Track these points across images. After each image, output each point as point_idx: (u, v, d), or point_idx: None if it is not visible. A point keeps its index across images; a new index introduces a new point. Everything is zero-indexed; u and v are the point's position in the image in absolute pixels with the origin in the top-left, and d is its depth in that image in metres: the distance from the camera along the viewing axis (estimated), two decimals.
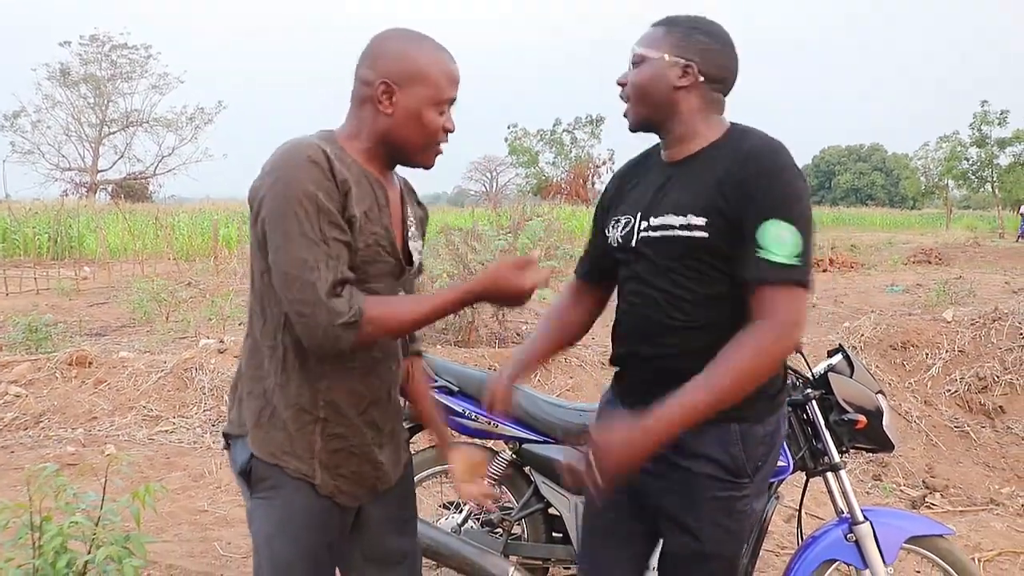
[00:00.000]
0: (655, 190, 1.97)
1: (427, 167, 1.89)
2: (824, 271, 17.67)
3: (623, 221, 2.03)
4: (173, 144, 44.03)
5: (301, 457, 1.81)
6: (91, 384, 5.65)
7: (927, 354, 5.75)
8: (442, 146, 1.88)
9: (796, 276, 1.74)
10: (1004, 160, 37.12)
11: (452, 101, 1.85)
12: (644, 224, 1.95)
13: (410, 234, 1.97)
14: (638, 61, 1.95)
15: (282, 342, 1.79)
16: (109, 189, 42.43)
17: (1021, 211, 33.83)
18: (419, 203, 2.09)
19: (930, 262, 20.52)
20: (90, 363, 5.87)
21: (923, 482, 4.78)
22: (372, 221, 1.80)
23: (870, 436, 2.77)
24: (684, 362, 1.84)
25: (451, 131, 1.87)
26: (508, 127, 54.24)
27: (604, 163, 52.91)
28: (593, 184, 52.44)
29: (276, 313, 1.77)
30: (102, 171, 43.42)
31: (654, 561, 2.20)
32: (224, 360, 5.84)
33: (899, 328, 6.00)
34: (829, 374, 2.77)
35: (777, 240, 1.74)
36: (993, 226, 36.83)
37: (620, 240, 2.02)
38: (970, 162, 38.33)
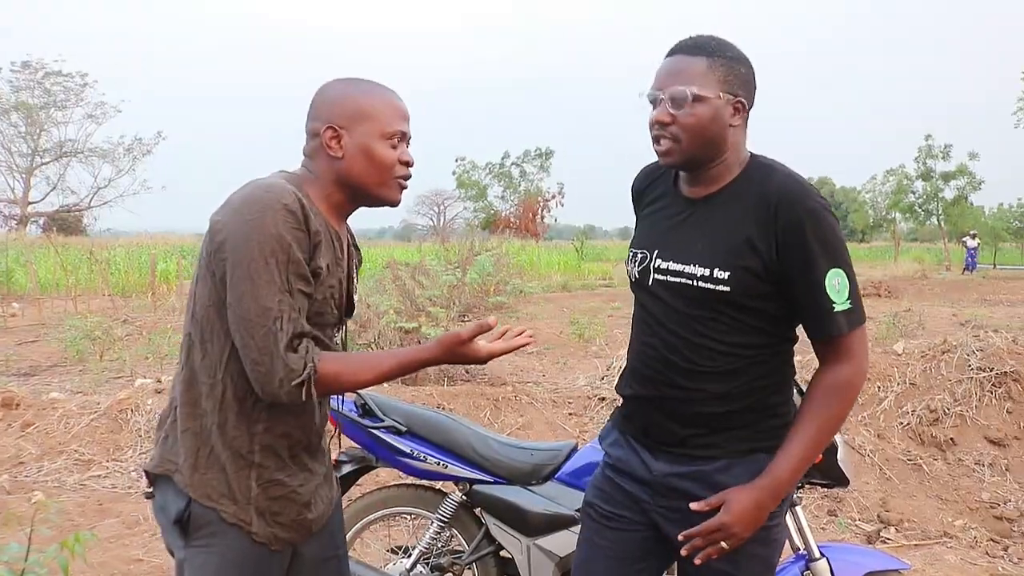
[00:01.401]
0: (673, 228, 1.95)
1: (393, 203, 1.87)
2: None
3: (639, 257, 2.00)
4: (109, 175, 42.47)
5: (239, 502, 1.74)
6: (17, 427, 5.36)
7: (879, 387, 5.75)
8: (407, 181, 1.86)
9: (859, 317, 1.84)
10: (949, 193, 38.10)
11: (403, 134, 1.83)
12: (660, 264, 1.93)
13: (354, 286, 1.97)
14: (694, 99, 1.81)
15: (222, 380, 1.72)
16: (40, 222, 40.88)
17: (965, 242, 34.68)
18: (356, 247, 2.05)
19: (879, 295, 20.83)
20: (17, 405, 5.59)
21: (878, 516, 4.75)
22: (331, 274, 1.79)
23: (825, 471, 2.72)
24: (707, 406, 1.89)
25: (409, 164, 1.85)
26: (456, 160, 53.94)
27: (554, 196, 53.10)
28: (543, 218, 52.64)
29: (218, 348, 1.71)
30: (33, 203, 41.87)
31: None
32: (161, 400, 5.61)
33: None
34: None
35: (837, 289, 1.80)
36: (940, 258, 37.68)
37: (637, 276, 2.00)
38: (916, 195, 39.24)
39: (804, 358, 4.58)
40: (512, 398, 5.88)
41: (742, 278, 1.80)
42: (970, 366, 5.70)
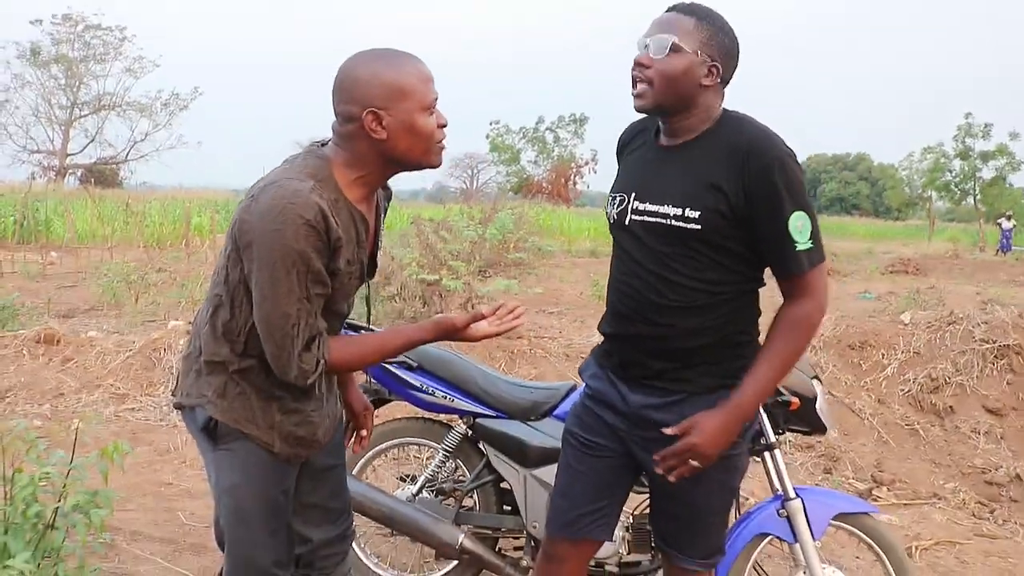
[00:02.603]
0: (651, 173, 2.12)
1: (436, 166, 1.98)
2: None
3: (618, 199, 2.17)
4: (146, 130, 43.14)
5: (262, 428, 1.96)
6: (58, 362, 5.70)
7: (883, 355, 5.92)
8: (444, 141, 1.95)
9: (819, 256, 2.01)
10: (987, 173, 37.58)
11: (436, 99, 1.91)
12: (637, 206, 2.09)
13: (379, 248, 2.13)
14: (673, 49, 1.98)
15: (243, 341, 1.93)
16: (78, 174, 41.63)
17: (1000, 224, 34.22)
18: (387, 201, 2.17)
19: (907, 272, 20.74)
20: (58, 341, 5.92)
21: (871, 476, 4.93)
22: (351, 263, 1.93)
23: (804, 418, 2.90)
24: (679, 341, 2.08)
25: (445, 125, 1.94)
26: (490, 123, 53.71)
27: (587, 163, 52.79)
28: (575, 184, 52.50)
29: (244, 315, 1.90)
30: (71, 155, 42.67)
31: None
32: None
33: (857, 329, 6.17)
34: None
35: (800, 230, 1.96)
36: (975, 239, 37.23)
37: (615, 217, 2.17)
38: (953, 174, 38.73)
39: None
40: (527, 351, 6.11)
41: (711, 218, 1.98)
42: (974, 338, 5.85)
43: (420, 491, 3.22)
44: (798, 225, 1.96)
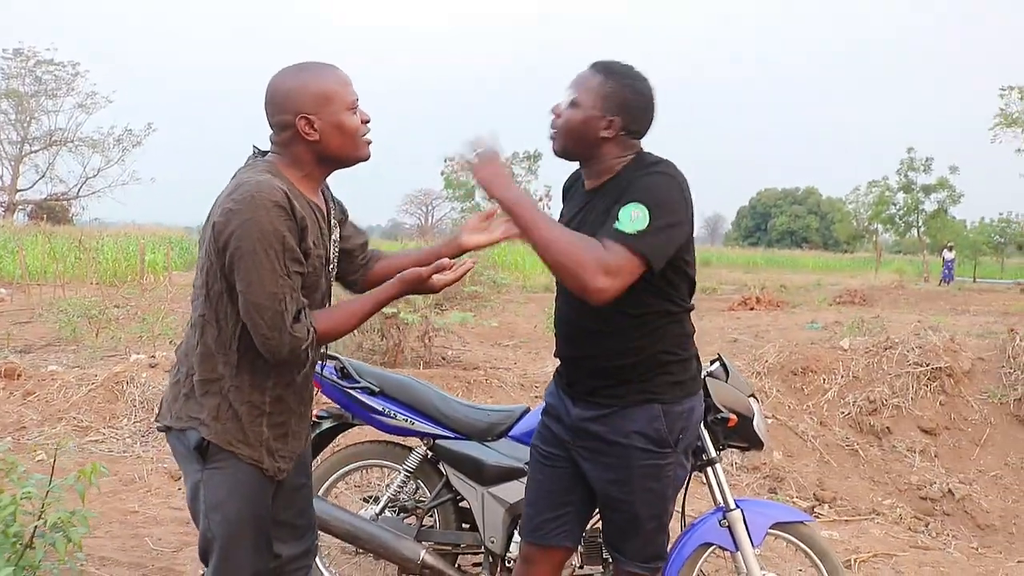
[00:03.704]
0: (576, 215, 2.36)
1: (365, 159, 2.21)
2: (751, 309, 18.28)
3: None
4: (99, 166, 42.39)
5: (252, 445, 2.12)
6: (19, 396, 5.74)
7: (824, 379, 6.19)
8: (369, 135, 2.19)
9: (632, 241, 2.06)
10: (930, 206, 38.63)
11: (357, 100, 2.15)
12: None
13: (333, 239, 2.30)
14: (573, 104, 2.26)
15: (236, 350, 2.09)
16: (28, 210, 40.84)
17: (943, 255, 35.19)
18: (335, 200, 2.38)
19: (854, 303, 21.25)
20: (19, 375, 5.97)
21: (814, 495, 5.17)
22: (317, 246, 2.12)
23: (742, 434, 3.11)
24: (609, 361, 2.30)
25: (368, 121, 2.18)
26: (445, 160, 53.86)
27: (540, 200, 52.97)
28: None
29: (231, 325, 2.07)
30: (21, 191, 41.88)
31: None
32: (155, 374, 6.00)
33: (800, 355, 6.44)
34: (707, 379, 3.08)
35: (632, 219, 2.08)
36: (920, 270, 38.20)
37: None
38: (897, 207, 39.71)
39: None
40: (483, 381, 6.28)
41: None
42: (909, 361, 6.15)
43: (383, 510, 3.37)
44: (632, 213, 2.08)
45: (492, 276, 7.49)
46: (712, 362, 3.28)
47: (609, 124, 2.24)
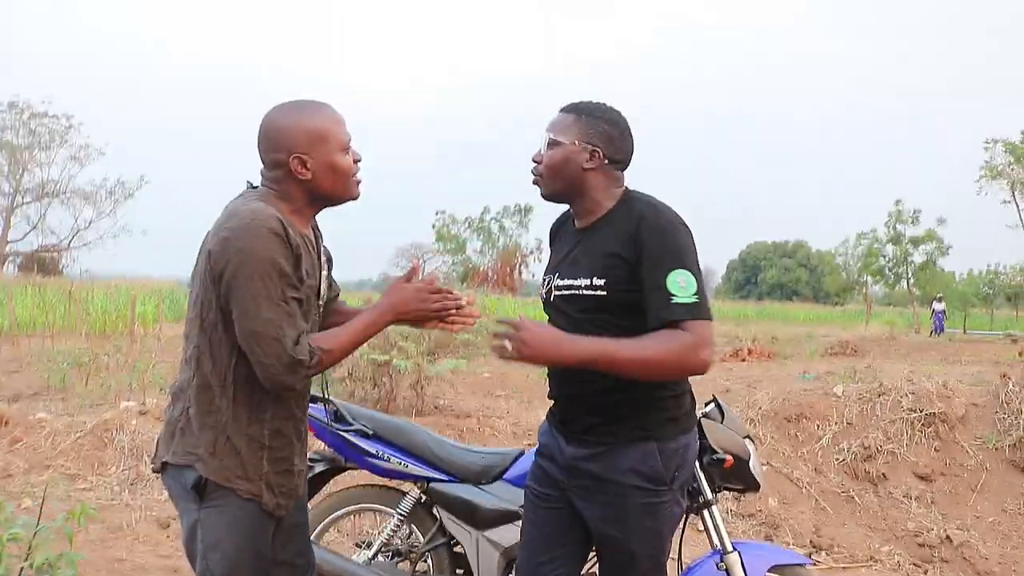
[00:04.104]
0: (566, 253, 2.39)
1: (355, 198, 2.23)
2: (743, 360, 18.25)
3: (545, 280, 2.46)
4: (90, 217, 42.72)
5: (252, 480, 2.09)
6: (6, 443, 5.67)
7: (818, 426, 6.17)
8: (360, 175, 2.21)
9: (701, 311, 2.14)
10: (918, 258, 38.84)
11: (350, 140, 2.18)
12: (558, 283, 2.37)
13: (324, 273, 2.30)
14: (552, 144, 2.32)
15: (232, 382, 2.07)
16: (18, 261, 40.89)
17: (933, 307, 35.31)
18: (320, 240, 2.35)
19: (846, 354, 21.25)
20: (6, 423, 5.89)
21: (810, 542, 5.12)
22: (310, 276, 2.13)
23: (738, 475, 3.09)
24: (601, 398, 2.28)
25: (359, 160, 2.20)
26: (436, 213, 54.37)
27: (531, 252, 53.37)
28: (520, 273, 53.03)
29: (227, 356, 2.06)
30: (12, 242, 41.94)
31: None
32: (145, 421, 5.94)
33: (794, 402, 6.43)
34: (702, 420, 3.07)
35: (681, 285, 2.13)
36: (910, 322, 38.28)
37: (544, 296, 2.45)
38: (886, 259, 39.90)
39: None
40: (476, 429, 6.25)
41: (613, 283, 2.22)
42: (903, 407, 6.14)
43: (376, 555, 3.32)
44: (679, 280, 2.14)
45: (485, 324, 7.50)
46: (707, 403, 3.27)
47: (591, 155, 2.29)
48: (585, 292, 2.27)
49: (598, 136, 2.31)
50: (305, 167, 2.09)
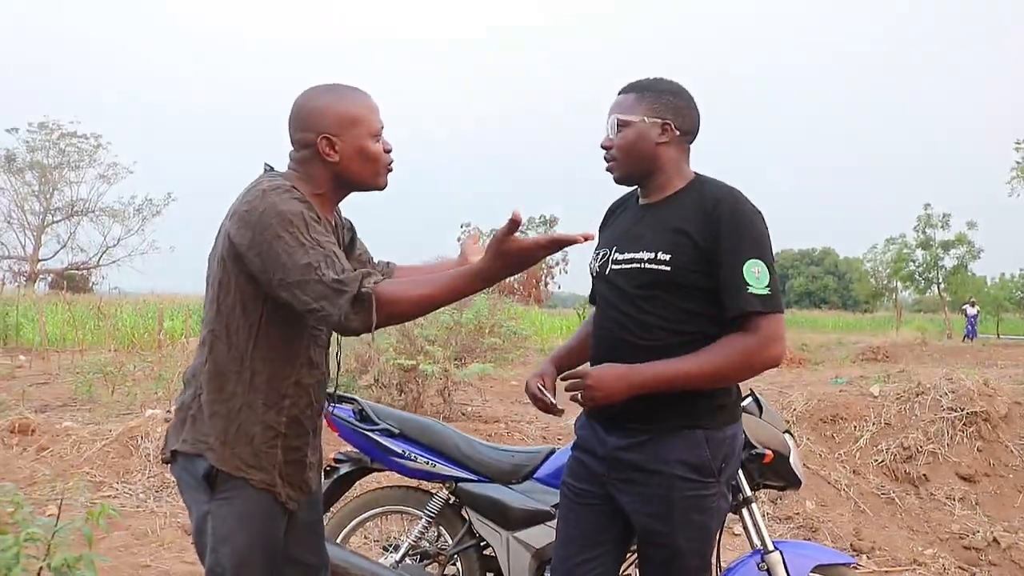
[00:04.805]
0: (629, 227, 2.31)
1: (382, 187, 2.14)
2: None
3: (601, 254, 2.36)
4: (119, 235, 42.77)
5: (266, 469, 2.01)
6: (33, 451, 5.64)
7: (855, 427, 6.01)
8: (391, 165, 2.13)
9: (773, 304, 2.11)
10: (949, 262, 38.31)
11: (382, 128, 2.10)
12: (617, 256, 2.27)
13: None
14: (622, 125, 2.25)
15: (250, 367, 1.99)
16: (49, 279, 41.23)
17: (965, 311, 34.78)
18: (346, 222, 2.31)
19: (877, 359, 21.00)
20: (33, 431, 5.87)
21: (851, 545, 4.96)
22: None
23: (778, 472, 2.97)
24: None
25: (390, 150, 2.12)
26: (461, 226, 54.34)
27: (557, 264, 53.33)
28: (546, 286, 52.89)
29: (244, 340, 1.98)
30: (43, 260, 42.25)
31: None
32: None
33: (829, 403, 6.28)
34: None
35: (756, 276, 2.09)
36: (942, 328, 37.73)
37: (597, 270, 2.36)
38: (916, 264, 39.42)
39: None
40: (504, 434, 6.15)
41: (679, 260, 2.14)
42: (942, 406, 5.97)
43: (403, 558, 3.22)
44: (754, 271, 2.10)
45: (512, 327, 7.42)
46: (744, 398, 3.16)
47: (663, 129, 2.23)
48: (647, 266, 2.18)
49: (666, 109, 2.25)
50: (333, 149, 2.03)
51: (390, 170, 2.15)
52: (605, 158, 2.32)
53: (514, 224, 1.83)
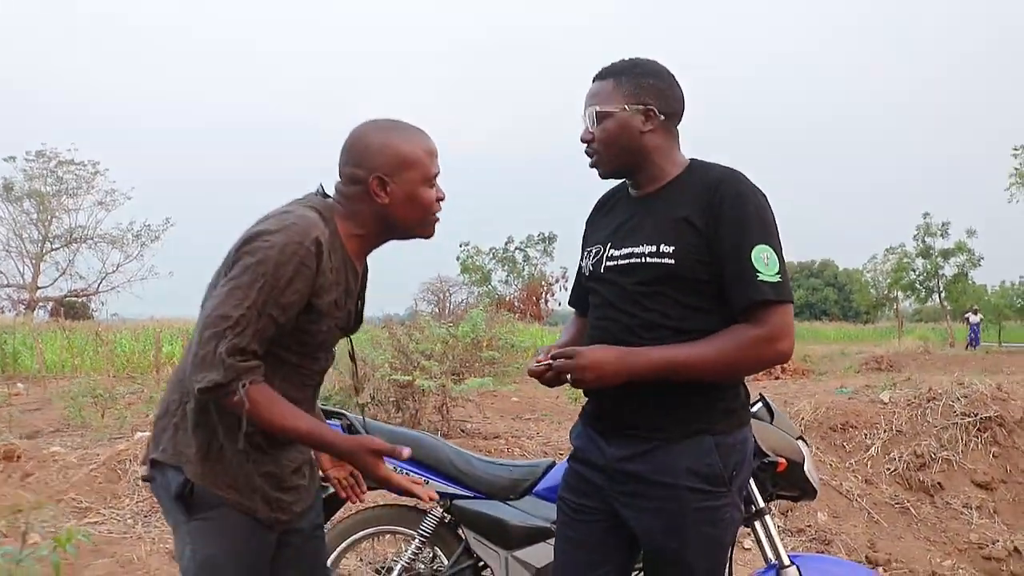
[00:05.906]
0: (622, 222, 2.13)
1: (428, 237, 2.04)
2: (776, 378, 17.84)
3: (593, 251, 2.18)
4: (117, 261, 42.53)
5: (242, 491, 1.89)
6: (17, 478, 5.47)
7: (866, 435, 5.83)
8: (439, 214, 2.02)
9: (783, 292, 1.94)
10: (949, 271, 38.20)
11: (438, 174, 1.99)
12: (612, 252, 2.10)
13: (360, 303, 2.13)
14: (601, 116, 2.06)
15: None
16: (48, 307, 41.11)
17: (967, 319, 34.64)
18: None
19: (881, 369, 20.87)
20: (18, 457, 5.70)
21: (866, 557, 4.78)
22: (339, 308, 1.94)
23: (792, 481, 2.82)
24: (644, 387, 1.99)
25: (443, 199, 2.01)
26: (460, 245, 54.20)
27: (557, 281, 53.05)
28: (546, 302, 52.71)
29: None
30: (42, 288, 42.07)
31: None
32: None
33: (838, 411, 6.10)
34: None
35: (764, 262, 1.92)
36: (944, 336, 37.55)
37: (591, 269, 2.18)
38: (916, 273, 39.32)
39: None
40: (505, 450, 5.97)
41: (684, 252, 1.97)
42: (955, 412, 5.79)
43: None
44: (762, 256, 1.94)
45: (510, 339, 7.25)
46: (754, 403, 3.00)
47: (647, 115, 2.05)
48: (649, 260, 2.01)
49: (647, 93, 2.07)
50: (384, 190, 1.92)
51: (438, 219, 2.04)
52: (587, 152, 2.15)
53: (396, 452, 1.90)
